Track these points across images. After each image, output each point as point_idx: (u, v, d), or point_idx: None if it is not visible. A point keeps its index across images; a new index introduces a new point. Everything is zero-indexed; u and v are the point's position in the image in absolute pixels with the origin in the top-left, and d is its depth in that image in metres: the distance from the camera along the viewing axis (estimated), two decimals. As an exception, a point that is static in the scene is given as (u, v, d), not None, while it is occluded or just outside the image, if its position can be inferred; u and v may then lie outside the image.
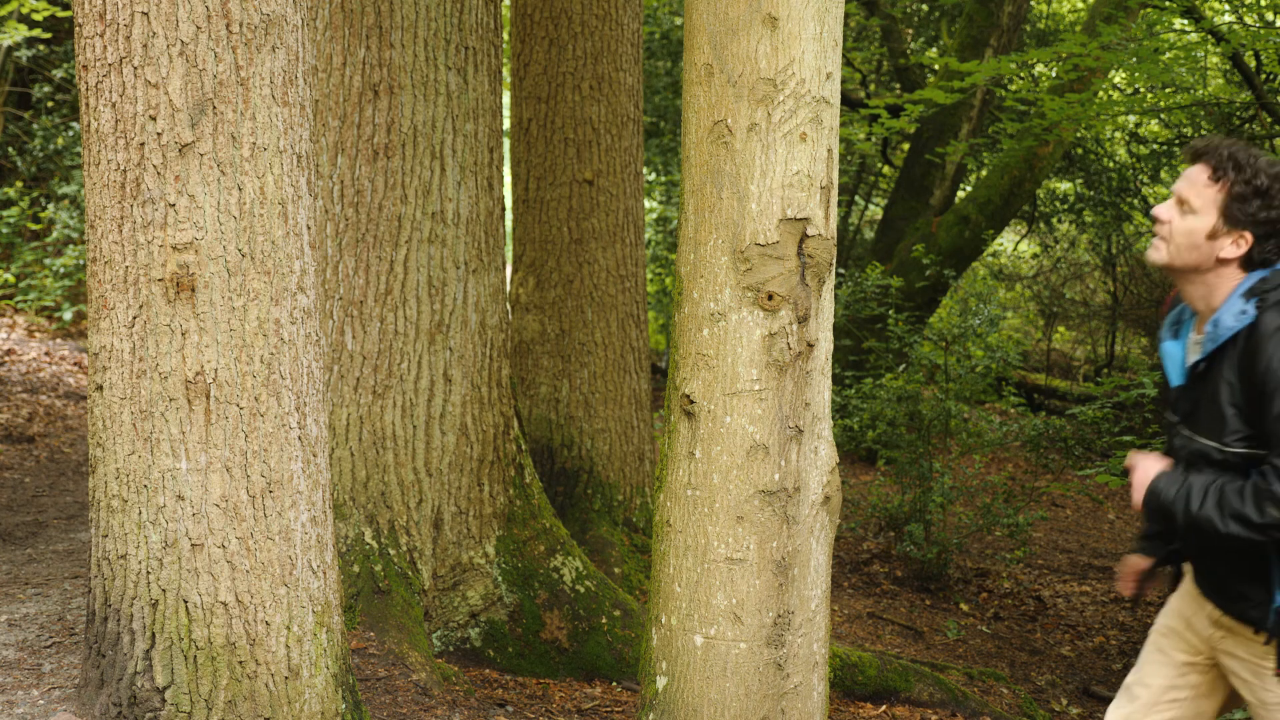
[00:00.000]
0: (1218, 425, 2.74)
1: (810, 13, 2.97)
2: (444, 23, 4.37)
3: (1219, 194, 2.76)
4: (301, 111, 3.04)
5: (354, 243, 4.32)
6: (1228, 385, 2.72)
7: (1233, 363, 2.71)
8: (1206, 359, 2.78)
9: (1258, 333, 2.66)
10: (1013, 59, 8.05)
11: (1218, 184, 2.76)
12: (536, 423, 5.75)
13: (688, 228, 3.11)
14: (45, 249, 11.04)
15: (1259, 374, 2.63)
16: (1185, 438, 2.84)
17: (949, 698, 5.10)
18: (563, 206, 5.72)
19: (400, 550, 4.34)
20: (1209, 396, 2.77)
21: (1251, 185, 2.73)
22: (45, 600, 4.57)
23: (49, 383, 9.24)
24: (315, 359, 3.10)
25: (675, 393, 3.15)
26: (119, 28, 2.86)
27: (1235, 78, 9.73)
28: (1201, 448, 2.78)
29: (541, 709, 4.23)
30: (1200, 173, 2.79)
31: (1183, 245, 2.80)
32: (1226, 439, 2.72)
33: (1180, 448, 2.87)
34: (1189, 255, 2.80)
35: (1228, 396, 2.72)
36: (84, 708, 3.04)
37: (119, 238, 2.90)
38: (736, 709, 3.09)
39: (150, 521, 2.93)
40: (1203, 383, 2.80)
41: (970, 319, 8.52)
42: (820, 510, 3.17)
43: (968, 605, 7.09)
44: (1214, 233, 2.77)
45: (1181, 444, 2.87)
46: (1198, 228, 2.78)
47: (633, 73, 5.83)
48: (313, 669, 3.06)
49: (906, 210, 11.62)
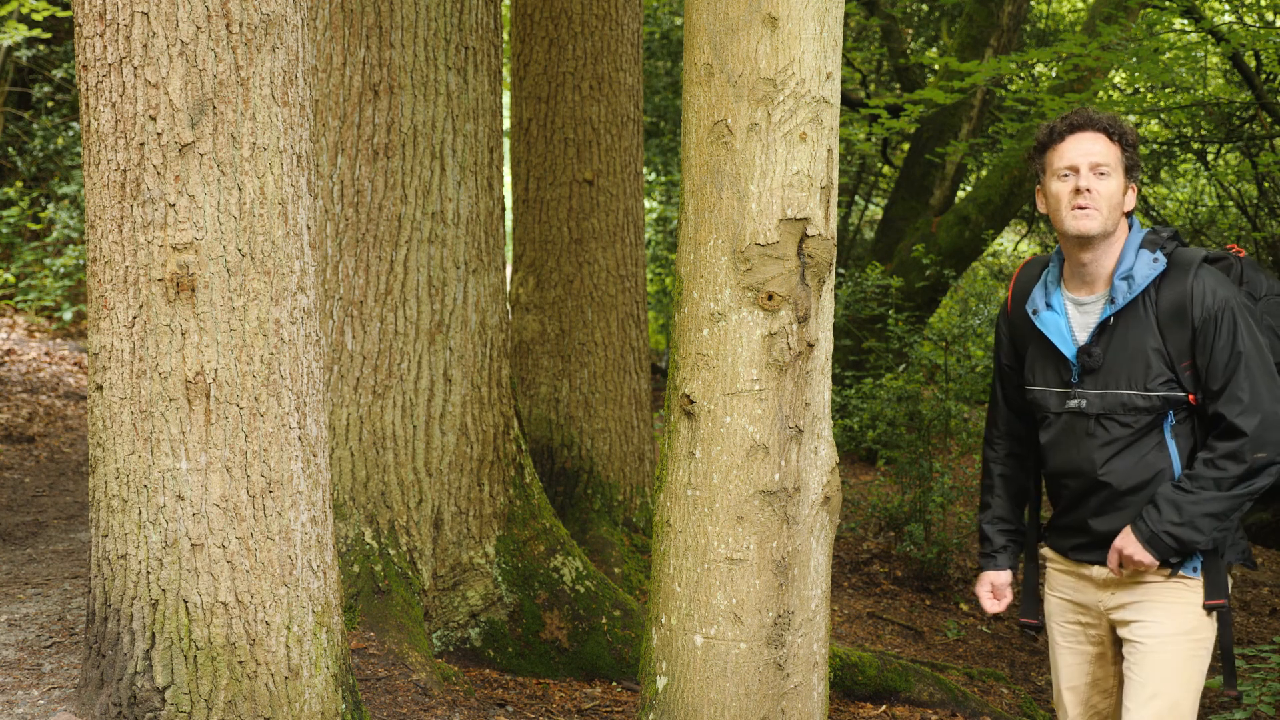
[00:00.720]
0: (1141, 373, 2.94)
1: (810, 13, 2.97)
2: (444, 23, 4.37)
3: (1119, 152, 2.99)
4: (301, 111, 3.04)
5: (354, 243, 4.32)
6: (1147, 333, 2.93)
7: (1150, 310, 2.93)
8: (1117, 313, 2.97)
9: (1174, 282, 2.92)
10: (1013, 59, 8.05)
11: (1116, 144, 2.99)
12: (536, 423, 5.75)
13: (688, 228, 3.12)
14: (45, 249, 11.04)
15: (1193, 320, 2.88)
16: (1094, 395, 2.99)
17: (949, 698, 5.10)
18: (563, 206, 5.72)
19: (400, 550, 4.34)
20: (1123, 348, 2.96)
21: (1128, 138, 3.02)
22: (45, 600, 4.57)
23: (49, 383, 9.24)
24: (315, 359, 3.10)
25: (675, 393, 3.15)
26: (119, 28, 2.86)
27: (1235, 78, 9.73)
28: (1122, 398, 2.96)
29: (541, 709, 4.23)
30: (1096, 139, 3.00)
31: (1113, 207, 2.99)
32: (1150, 384, 2.93)
33: (1084, 407, 3.01)
34: (1114, 215, 3.00)
35: (1148, 344, 2.93)
36: (84, 708, 3.04)
37: (119, 238, 2.90)
38: (736, 709, 3.09)
39: (150, 521, 2.93)
40: (1112, 336, 2.98)
41: (970, 319, 8.52)
42: (820, 510, 3.17)
43: (968, 605, 7.09)
44: (1124, 188, 3.01)
45: (1085, 403, 3.01)
46: (1115, 188, 2.99)
47: (633, 73, 5.83)
48: (313, 669, 3.06)
49: (906, 210, 11.62)
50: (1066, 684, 3.22)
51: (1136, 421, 2.96)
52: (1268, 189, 9.89)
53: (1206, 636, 2.98)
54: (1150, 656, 2.95)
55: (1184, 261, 2.96)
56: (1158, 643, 2.95)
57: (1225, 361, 2.87)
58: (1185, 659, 2.95)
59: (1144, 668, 2.96)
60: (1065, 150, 3.01)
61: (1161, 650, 2.95)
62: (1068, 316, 3.07)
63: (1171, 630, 2.95)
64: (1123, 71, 10.27)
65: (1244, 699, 4.41)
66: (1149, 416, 2.95)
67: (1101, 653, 3.16)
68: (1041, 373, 3.12)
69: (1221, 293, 2.91)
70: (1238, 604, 7.65)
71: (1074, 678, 3.20)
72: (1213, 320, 2.88)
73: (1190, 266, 2.94)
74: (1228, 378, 2.87)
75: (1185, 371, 2.92)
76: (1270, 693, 4.42)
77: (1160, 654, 2.95)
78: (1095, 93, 8.85)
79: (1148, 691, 2.94)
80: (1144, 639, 2.97)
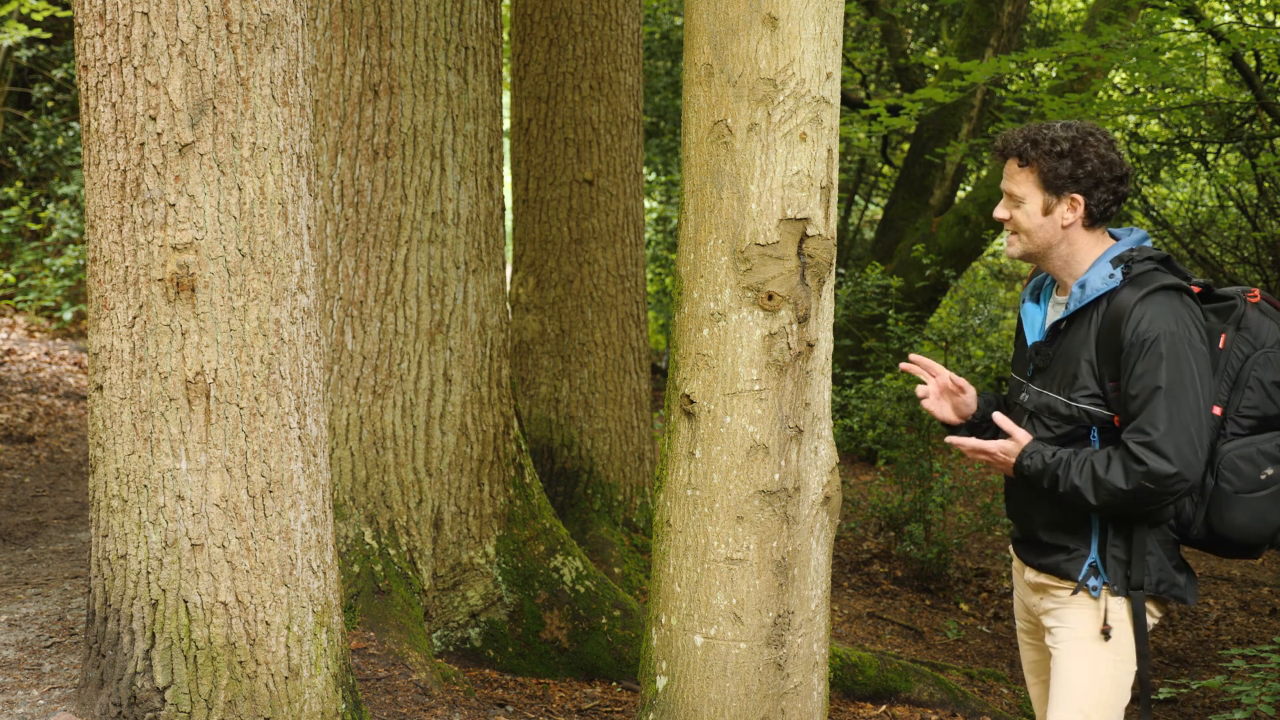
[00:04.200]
0: (1069, 381, 2.95)
1: (810, 13, 2.97)
2: (444, 23, 4.37)
3: (1032, 175, 2.98)
4: (301, 111, 3.04)
5: (354, 243, 4.32)
6: (1085, 345, 2.94)
7: (1094, 324, 2.93)
8: (1068, 318, 2.99)
9: (1121, 301, 2.89)
10: (1013, 59, 8.05)
11: (1028, 167, 2.98)
12: (536, 423, 5.75)
13: (688, 228, 3.12)
14: (45, 249, 11.03)
15: (1123, 341, 2.85)
16: (1035, 392, 3.04)
17: (949, 698, 5.10)
18: (563, 206, 5.72)
19: (400, 550, 4.34)
20: (1065, 353, 2.99)
21: (1054, 152, 2.94)
22: (45, 600, 4.57)
23: (49, 383, 9.24)
24: (315, 359, 3.10)
25: (675, 393, 3.15)
26: (119, 28, 2.86)
27: (1235, 78, 9.72)
28: (1050, 401, 2.99)
29: (541, 709, 4.23)
30: (1012, 165, 3.02)
31: (1032, 231, 3.00)
32: (1074, 394, 2.94)
33: (1026, 402, 3.06)
34: (1041, 236, 3.00)
35: (1083, 355, 2.93)
36: (84, 708, 3.05)
37: (119, 238, 2.90)
38: (736, 709, 3.09)
39: (150, 521, 2.93)
40: (1061, 340, 3.01)
41: (970, 319, 8.53)
42: (820, 510, 3.17)
43: (968, 605, 7.09)
44: (1047, 208, 2.98)
45: (1029, 398, 3.06)
46: (1033, 211, 2.99)
47: (633, 73, 5.83)
48: (313, 669, 3.06)
49: (906, 210, 11.62)
50: (1031, 676, 3.31)
51: (1059, 428, 2.97)
52: (1268, 189, 9.89)
53: (1116, 643, 2.96)
54: (1061, 660, 3.00)
55: (1142, 283, 2.89)
56: (1067, 646, 3.00)
57: (1142, 392, 2.82)
58: (1094, 662, 2.96)
59: (1058, 671, 3.01)
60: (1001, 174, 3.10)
61: (1070, 654, 2.99)
62: (1045, 313, 3.13)
63: (1078, 634, 2.98)
64: (1123, 71, 10.27)
65: (1244, 699, 4.42)
66: (1070, 426, 2.95)
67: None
68: (1016, 362, 3.20)
69: (1160, 323, 2.82)
70: (1238, 604, 7.65)
71: (1037, 671, 3.28)
72: (1139, 346, 2.82)
73: (1144, 288, 2.87)
74: (1141, 408, 2.82)
75: (1112, 391, 2.90)
76: (1270, 693, 4.42)
77: (1070, 658, 2.99)
78: (1095, 93, 8.85)
79: (1059, 695, 2.98)
80: (1057, 643, 3.03)
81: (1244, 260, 10.30)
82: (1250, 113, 9.65)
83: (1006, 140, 3.03)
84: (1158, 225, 10.62)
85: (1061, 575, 3.00)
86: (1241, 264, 10.32)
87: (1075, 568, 2.98)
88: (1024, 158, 2.98)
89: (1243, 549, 3.00)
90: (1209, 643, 6.85)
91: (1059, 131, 2.97)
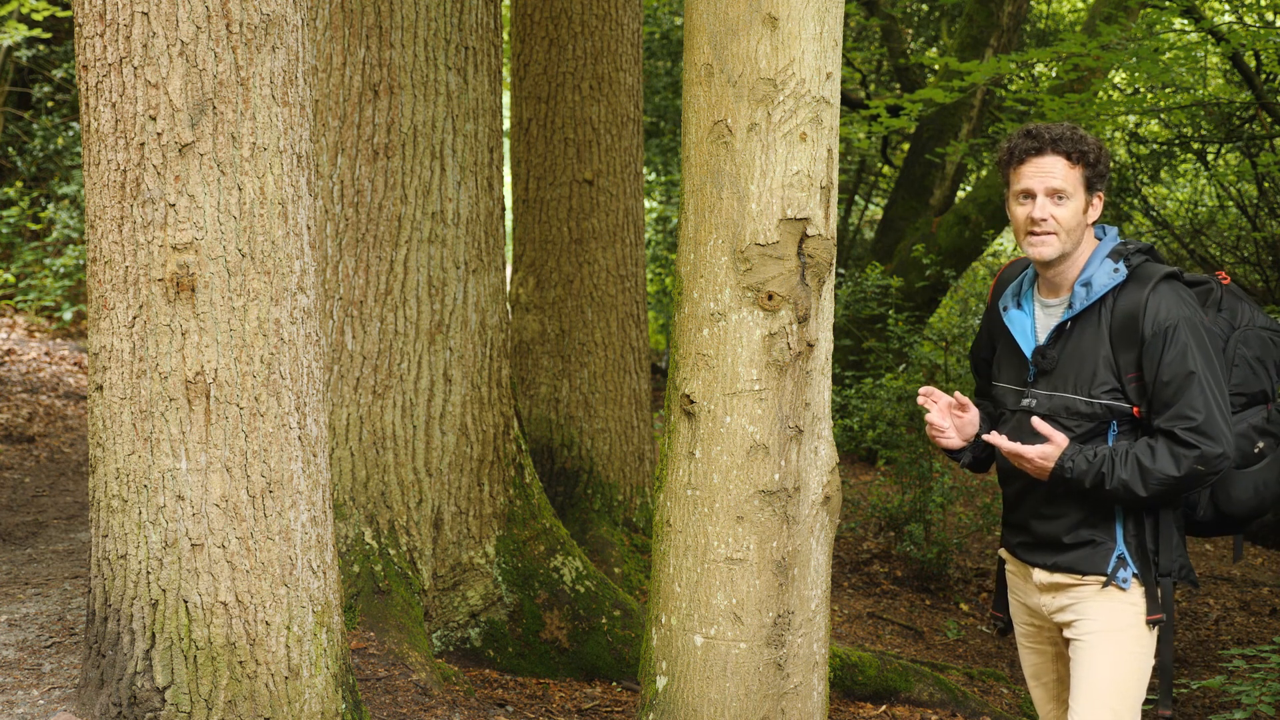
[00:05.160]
0: (1088, 379, 2.98)
1: (810, 13, 2.97)
2: (444, 23, 4.37)
3: (1078, 172, 3.00)
4: (301, 111, 3.04)
5: (354, 243, 4.32)
6: (1098, 341, 2.97)
7: (1105, 320, 2.97)
8: (1073, 318, 3.02)
9: (1131, 295, 2.94)
10: (1013, 59, 8.05)
11: (1077, 165, 2.99)
12: (536, 423, 5.75)
13: (688, 228, 3.12)
14: (45, 249, 11.03)
15: (1143, 333, 2.90)
16: (1044, 395, 3.05)
17: (949, 698, 5.10)
18: (563, 206, 5.72)
19: (400, 550, 4.34)
20: (1075, 353, 3.01)
21: (1095, 153, 3.00)
22: (45, 600, 4.57)
23: (49, 383, 9.24)
24: (315, 359, 3.10)
25: (675, 393, 3.15)
26: (119, 28, 2.86)
27: (1235, 78, 9.72)
28: (1067, 401, 3.00)
29: (541, 709, 4.23)
30: (1055, 163, 3.00)
31: (1072, 230, 3.01)
32: (1095, 391, 2.97)
33: (1034, 406, 3.06)
34: (1073, 237, 3.02)
35: (1099, 351, 2.97)
36: (84, 708, 3.05)
37: (119, 238, 2.90)
38: (736, 709, 3.09)
39: (150, 521, 2.93)
40: (1068, 340, 3.03)
41: (970, 319, 8.53)
42: (820, 510, 3.17)
43: (968, 605, 7.09)
44: (1085, 207, 3.02)
45: (1036, 402, 3.06)
46: (1074, 210, 3.00)
47: (633, 73, 5.83)
48: (313, 669, 3.06)
49: (906, 210, 11.62)
50: (1033, 679, 3.31)
51: (1079, 426, 2.99)
52: (1268, 189, 9.89)
53: (1141, 635, 3.00)
54: (1088, 652, 3.01)
55: (1145, 275, 2.97)
56: (1095, 638, 3.01)
57: (1175, 378, 2.88)
58: (1122, 654, 2.98)
59: (1082, 665, 3.01)
60: (1024, 173, 3.02)
61: (1095, 647, 3.00)
62: (1034, 318, 3.13)
63: (1106, 626, 3.00)
64: (1123, 71, 10.27)
65: (1244, 699, 4.42)
66: (1091, 423, 2.99)
67: (1059, 652, 3.22)
68: (1005, 369, 3.19)
69: (1175, 310, 2.91)
70: (1238, 604, 7.65)
71: (1039, 674, 3.28)
72: (1162, 335, 2.89)
73: (1149, 280, 2.95)
74: (1178, 395, 2.88)
75: (1131, 383, 2.95)
76: (1270, 693, 4.43)
77: (1095, 651, 3.00)
78: (1095, 93, 8.84)
79: (1085, 687, 2.99)
80: (1082, 636, 3.03)
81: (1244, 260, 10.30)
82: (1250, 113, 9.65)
83: (1047, 136, 3.00)
84: (1158, 225, 10.62)
85: (1083, 571, 3.02)
86: (1241, 264, 10.32)
87: (1101, 561, 2.99)
88: (1071, 155, 2.99)
89: (1242, 524, 3.10)
90: (1209, 643, 6.85)
91: (1080, 132, 3.02)
